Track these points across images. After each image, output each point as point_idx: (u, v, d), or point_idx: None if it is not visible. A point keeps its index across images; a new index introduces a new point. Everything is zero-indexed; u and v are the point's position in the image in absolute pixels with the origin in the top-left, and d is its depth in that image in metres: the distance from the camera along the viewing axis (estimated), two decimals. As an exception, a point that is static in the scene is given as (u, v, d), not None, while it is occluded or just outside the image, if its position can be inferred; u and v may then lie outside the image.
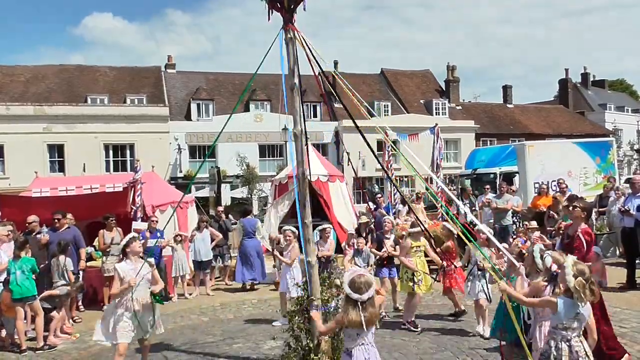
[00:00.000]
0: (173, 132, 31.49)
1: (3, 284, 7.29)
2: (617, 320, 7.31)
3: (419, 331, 7.33)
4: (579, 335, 4.04)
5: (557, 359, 3.98)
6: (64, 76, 33.71)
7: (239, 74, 36.62)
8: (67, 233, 8.95)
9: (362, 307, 3.85)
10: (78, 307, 9.58)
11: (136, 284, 5.61)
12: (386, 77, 41.10)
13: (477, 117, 39.27)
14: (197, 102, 33.26)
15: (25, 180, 16.05)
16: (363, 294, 3.85)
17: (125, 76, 34.93)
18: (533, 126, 41.21)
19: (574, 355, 3.95)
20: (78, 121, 29.18)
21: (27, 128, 27.96)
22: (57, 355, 7.11)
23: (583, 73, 50.37)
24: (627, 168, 43.37)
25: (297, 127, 5.54)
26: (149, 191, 10.84)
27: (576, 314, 3.95)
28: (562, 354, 3.96)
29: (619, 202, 10.55)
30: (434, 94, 40.35)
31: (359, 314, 3.83)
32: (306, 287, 5.43)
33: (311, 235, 5.60)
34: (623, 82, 64.34)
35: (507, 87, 44.09)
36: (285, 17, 5.39)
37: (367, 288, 3.87)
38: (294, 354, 5.37)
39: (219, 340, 7.45)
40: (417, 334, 7.25)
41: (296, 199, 5.52)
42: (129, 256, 5.84)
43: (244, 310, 9.32)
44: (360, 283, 3.88)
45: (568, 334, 3.99)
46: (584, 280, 3.90)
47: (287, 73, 5.48)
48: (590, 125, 43.80)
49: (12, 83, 32.13)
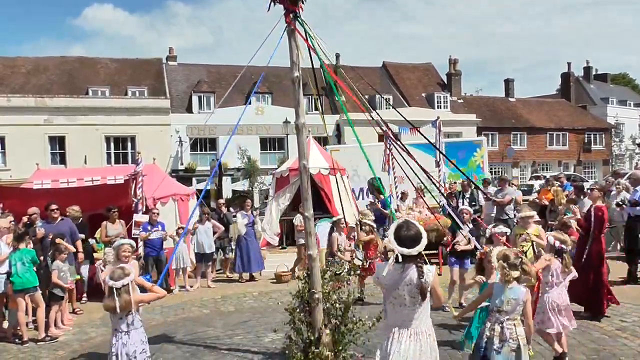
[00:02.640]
0: (174, 125, 31.47)
1: (7, 276, 7.32)
2: (618, 315, 7.34)
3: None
4: (513, 319, 4.31)
5: (489, 338, 4.33)
6: (65, 68, 33.64)
7: (240, 66, 36.50)
8: (62, 225, 8.90)
9: (117, 293, 4.44)
10: (80, 298, 9.60)
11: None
12: (388, 70, 40.98)
13: (479, 111, 39.20)
14: (198, 94, 33.21)
15: (26, 172, 16.05)
16: (117, 281, 4.46)
17: (126, 68, 34.85)
18: (535, 120, 41.14)
19: (505, 335, 4.26)
20: (79, 113, 29.17)
21: (28, 120, 27.97)
22: (59, 347, 7.13)
23: (585, 67, 50.20)
24: (629, 162, 43.32)
25: (300, 119, 5.53)
26: (150, 184, 10.83)
27: (507, 298, 4.31)
28: (494, 334, 4.31)
29: (619, 196, 10.53)
30: (436, 87, 40.25)
31: (113, 300, 4.44)
32: (308, 280, 5.44)
33: (313, 228, 5.59)
34: (625, 76, 64.14)
35: (509, 81, 44.01)
36: (288, 7, 5.34)
37: (121, 277, 4.49)
38: (295, 346, 5.39)
39: (220, 332, 7.46)
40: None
41: (301, 192, 5.49)
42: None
43: (245, 303, 9.33)
44: (114, 273, 4.52)
45: (501, 316, 4.32)
46: (505, 264, 4.36)
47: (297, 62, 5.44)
48: (592, 119, 43.72)
49: (13, 75, 32.07)
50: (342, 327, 5.40)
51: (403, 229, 3.73)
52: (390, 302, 3.79)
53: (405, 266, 3.71)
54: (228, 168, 30.41)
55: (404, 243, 3.67)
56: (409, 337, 3.71)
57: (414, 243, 3.67)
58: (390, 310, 3.81)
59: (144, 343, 4.76)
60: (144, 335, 4.81)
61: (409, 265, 3.70)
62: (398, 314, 3.76)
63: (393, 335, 3.76)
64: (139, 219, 10.03)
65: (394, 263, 3.71)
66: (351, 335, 5.41)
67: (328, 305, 5.39)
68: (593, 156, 42.88)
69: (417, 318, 3.73)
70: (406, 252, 3.65)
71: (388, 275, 3.74)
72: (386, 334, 3.83)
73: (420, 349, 3.70)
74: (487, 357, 4.33)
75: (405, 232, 3.72)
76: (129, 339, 4.61)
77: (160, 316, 8.50)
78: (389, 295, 3.78)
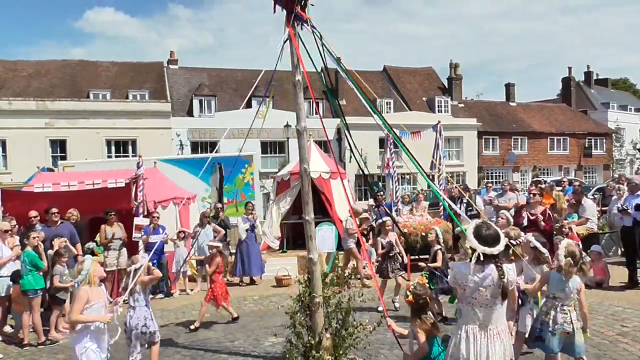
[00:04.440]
0: (175, 128, 31.46)
1: (11, 278, 7.38)
2: (619, 320, 7.33)
3: None
4: (568, 305, 4.81)
5: (545, 322, 4.83)
6: (67, 71, 33.69)
7: (241, 70, 36.60)
8: (62, 229, 8.91)
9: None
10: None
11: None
12: (389, 74, 41.03)
13: (480, 115, 39.21)
14: (199, 98, 33.22)
15: (28, 175, 16.04)
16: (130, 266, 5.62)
17: (127, 72, 34.91)
18: (535, 124, 41.14)
19: (559, 320, 4.75)
20: (80, 116, 29.16)
21: (29, 123, 27.95)
22: (59, 350, 7.13)
23: (586, 71, 50.22)
24: (630, 167, 43.29)
25: (301, 123, 5.53)
26: (151, 187, 10.84)
27: (564, 287, 4.78)
28: (549, 318, 4.81)
29: (620, 201, 10.53)
30: (437, 91, 40.26)
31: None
32: (308, 283, 5.44)
33: (313, 232, 5.59)
34: (627, 81, 64.21)
35: (510, 85, 43.99)
36: (293, 10, 5.34)
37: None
38: (296, 350, 5.38)
39: (220, 336, 7.46)
40: None
41: (302, 196, 5.49)
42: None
43: (245, 307, 9.32)
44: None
45: (556, 302, 4.81)
46: (573, 261, 4.78)
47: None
48: (593, 123, 43.72)
49: (14, 78, 32.13)
50: (343, 331, 5.39)
51: (483, 228, 3.78)
52: (468, 303, 3.78)
53: (485, 266, 3.72)
54: (229, 172, 30.38)
55: (486, 242, 3.70)
56: (493, 337, 3.72)
57: (495, 242, 3.71)
58: (469, 310, 3.79)
59: (147, 319, 5.65)
60: (149, 314, 5.72)
61: (488, 265, 3.72)
62: (478, 314, 3.75)
63: (472, 335, 3.75)
64: (139, 223, 10.03)
65: (475, 263, 3.71)
66: (352, 339, 5.40)
67: (329, 310, 5.39)
68: (594, 161, 42.84)
69: (497, 317, 3.76)
70: (488, 251, 3.68)
71: (470, 276, 3.73)
72: (460, 334, 3.81)
73: (504, 348, 3.74)
74: (542, 337, 4.81)
75: (486, 231, 3.75)
76: (134, 313, 5.64)
77: (161, 320, 8.48)
78: (468, 296, 3.77)
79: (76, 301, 4.90)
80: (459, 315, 3.95)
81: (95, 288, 5.00)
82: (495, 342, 3.71)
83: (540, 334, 4.84)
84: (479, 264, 3.71)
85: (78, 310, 4.83)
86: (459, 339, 3.78)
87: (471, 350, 3.70)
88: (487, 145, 39.01)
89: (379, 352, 6.34)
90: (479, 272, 3.71)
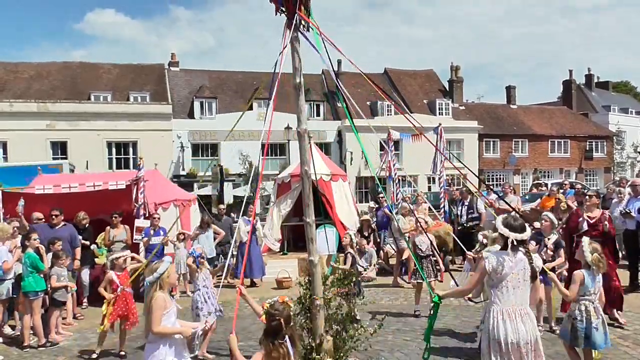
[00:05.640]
0: (176, 130, 31.51)
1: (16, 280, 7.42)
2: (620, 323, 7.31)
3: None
4: (595, 300, 5.18)
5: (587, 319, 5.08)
6: (68, 73, 33.74)
7: (242, 72, 36.63)
8: (63, 230, 8.91)
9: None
10: (81, 303, 9.59)
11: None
12: (390, 76, 41.05)
13: (481, 118, 39.21)
14: (200, 100, 33.26)
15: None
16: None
17: (128, 73, 34.95)
18: (536, 127, 41.14)
19: (600, 311, 5.15)
20: (81, 118, 29.21)
21: (30, 125, 28.00)
22: (60, 352, 7.13)
23: (587, 74, 50.22)
24: (631, 170, 43.28)
25: (302, 126, 5.53)
26: (152, 189, 10.84)
27: (595, 282, 5.16)
28: (590, 314, 5.10)
29: (621, 204, 10.51)
30: (438, 94, 40.28)
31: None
32: (309, 286, 5.43)
33: (314, 234, 5.58)
34: (627, 84, 64.19)
35: (511, 88, 43.97)
36: (294, 11, 5.33)
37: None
38: (296, 352, 5.37)
39: (221, 338, 7.45)
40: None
41: (303, 198, 5.48)
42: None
43: (246, 309, 9.29)
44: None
45: (590, 297, 5.15)
46: (599, 255, 5.16)
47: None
48: (594, 126, 43.72)
49: (15, 80, 32.18)
50: (344, 333, 5.39)
51: (510, 219, 4.24)
52: (503, 287, 4.15)
53: (514, 252, 4.18)
54: (230, 174, 30.41)
55: (516, 229, 4.16)
56: (525, 316, 4.12)
57: (523, 230, 4.17)
58: (504, 294, 4.14)
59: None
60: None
61: (516, 252, 4.18)
62: (512, 296, 4.13)
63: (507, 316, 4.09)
64: (140, 225, 10.03)
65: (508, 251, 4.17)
66: (352, 341, 5.40)
67: (329, 312, 5.38)
68: (594, 164, 42.82)
69: (526, 298, 4.19)
70: (519, 237, 4.14)
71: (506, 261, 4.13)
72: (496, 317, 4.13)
73: (533, 325, 4.15)
74: (588, 335, 5.07)
75: (513, 221, 4.22)
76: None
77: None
78: (502, 280, 4.14)
79: (155, 309, 4.34)
80: (492, 300, 4.22)
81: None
82: (526, 321, 4.10)
83: (585, 332, 5.08)
84: (513, 250, 4.16)
85: (158, 318, 4.33)
86: (497, 321, 4.11)
87: (509, 329, 4.06)
88: (487, 147, 39.02)
89: (379, 355, 6.33)
90: (513, 257, 4.16)
